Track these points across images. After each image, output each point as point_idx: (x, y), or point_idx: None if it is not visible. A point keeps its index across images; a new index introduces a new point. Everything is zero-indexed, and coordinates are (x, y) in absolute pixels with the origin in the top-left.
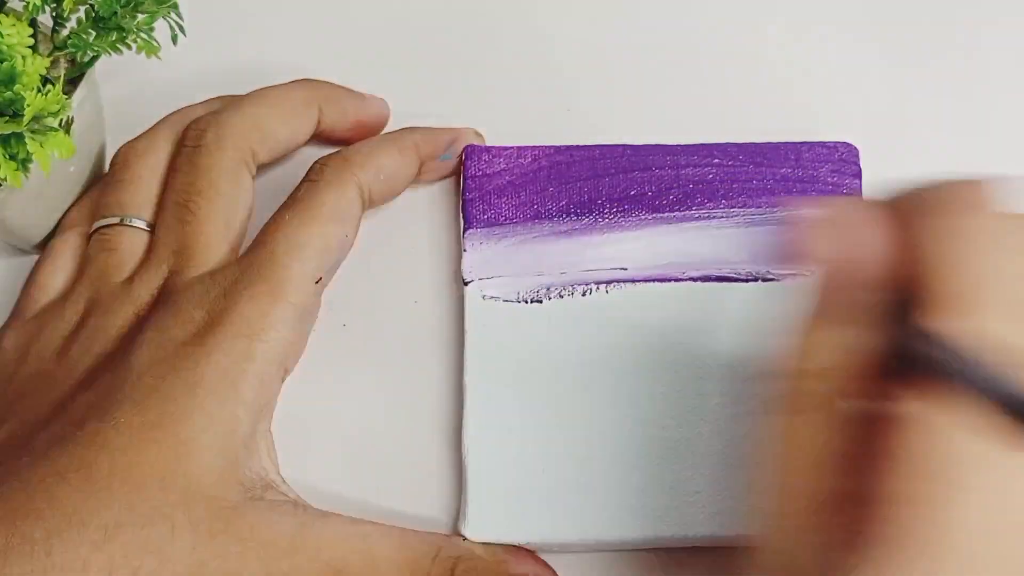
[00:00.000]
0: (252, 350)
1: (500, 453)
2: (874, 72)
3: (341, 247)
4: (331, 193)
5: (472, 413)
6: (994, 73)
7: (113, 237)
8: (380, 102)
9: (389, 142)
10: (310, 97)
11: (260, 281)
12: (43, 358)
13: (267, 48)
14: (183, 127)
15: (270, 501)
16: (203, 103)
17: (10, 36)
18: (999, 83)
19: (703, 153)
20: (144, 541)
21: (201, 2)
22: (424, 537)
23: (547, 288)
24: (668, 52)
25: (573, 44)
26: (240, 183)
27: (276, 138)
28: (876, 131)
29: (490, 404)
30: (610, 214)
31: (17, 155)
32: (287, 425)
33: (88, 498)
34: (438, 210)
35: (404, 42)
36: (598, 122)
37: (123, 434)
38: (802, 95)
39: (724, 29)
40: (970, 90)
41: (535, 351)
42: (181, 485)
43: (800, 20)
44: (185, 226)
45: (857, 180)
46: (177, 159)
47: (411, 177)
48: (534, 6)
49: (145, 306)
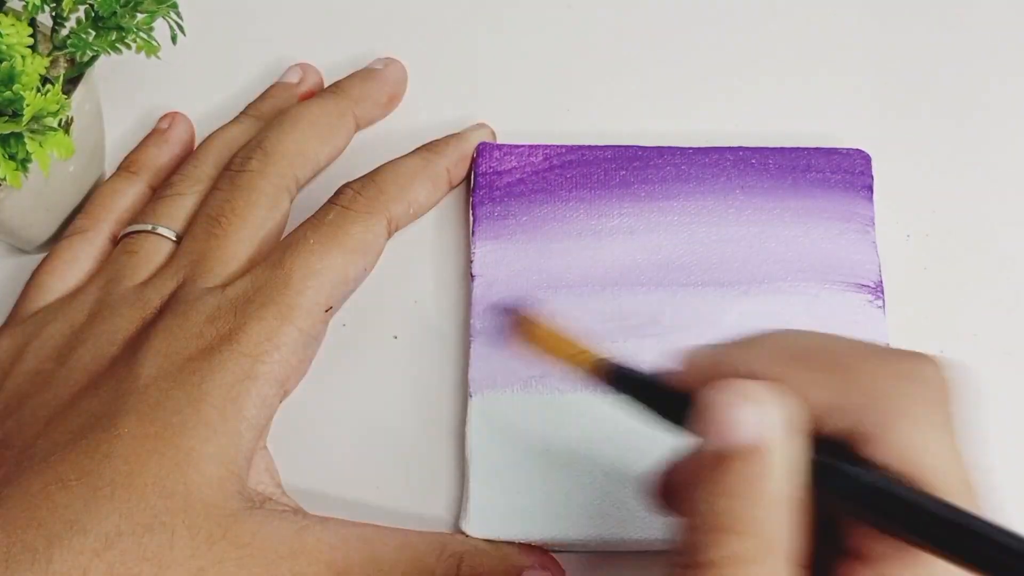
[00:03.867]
0: (255, 370)
1: (503, 450)
2: (889, 79)
3: (357, 279)
4: (359, 225)
5: (476, 410)
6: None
7: (138, 242)
8: (395, 67)
9: (423, 173)
10: (343, 108)
11: (271, 303)
12: (42, 357)
13: (267, 48)
14: (227, 152)
15: (269, 510)
16: (237, 123)
17: (10, 36)
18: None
19: (715, 156)
20: (143, 549)
21: (201, 2)
22: (426, 536)
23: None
24: (681, 56)
25: (579, 43)
26: (278, 208)
27: (318, 160)
28: (888, 139)
29: (494, 401)
30: (620, 215)
31: (16, 155)
32: (288, 425)
33: (89, 506)
34: (443, 207)
35: (405, 42)
36: (607, 123)
37: (126, 444)
38: (815, 101)
39: (739, 32)
40: (983, 97)
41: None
42: (181, 494)
43: (811, 23)
44: (211, 239)
45: (869, 188)
46: (220, 180)
47: (437, 203)
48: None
49: (153, 311)
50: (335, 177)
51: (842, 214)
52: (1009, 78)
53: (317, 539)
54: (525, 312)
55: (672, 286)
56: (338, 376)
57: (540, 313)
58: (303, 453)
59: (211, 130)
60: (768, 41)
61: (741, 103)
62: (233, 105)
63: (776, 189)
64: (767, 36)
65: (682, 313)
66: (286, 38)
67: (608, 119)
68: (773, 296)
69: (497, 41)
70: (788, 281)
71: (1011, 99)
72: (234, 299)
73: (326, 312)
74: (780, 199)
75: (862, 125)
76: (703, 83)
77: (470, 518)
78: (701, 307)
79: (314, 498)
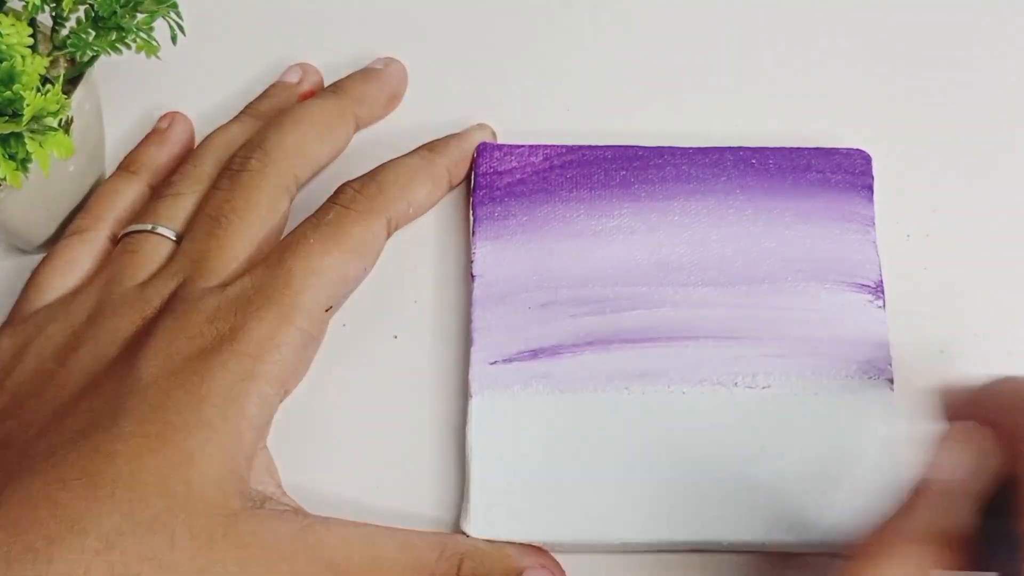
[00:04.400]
0: (256, 370)
1: (504, 450)
2: (889, 79)
3: (357, 279)
4: (359, 225)
5: (477, 410)
6: (1009, 81)
7: (138, 242)
8: (395, 67)
9: (424, 173)
10: (343, 107)
11: (272, 304)
12: (43, 357)
13: (267, 48)
14: (227, 151)
15: (270, 509)
16: (237, 122)
17: (10, 36)
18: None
19: (715, 156)
20: (144, 549)
21: (201, 2)
22: (427, 536)
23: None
24: (681, 56)
25: (579, 43)
26: (278, 208)
27: (318, 160)
28: (888, 139)
29: (495, 401)
30: (620, 215)
31: (16, 155)
32: (288, 426)
33: (90, 506)
34: (444, 207)
35: (405, 42)
36: (607, 123)
37: (126, 444)
38: (815, 101)
39: (739, 32)
40: (983, 97)
41: (541, 348)
42: (182, 493)
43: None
44: (212, 239)
45: (869, 188)
46: (220, 179)
47: (437, 203)
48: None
49: (154, 311)
50: (335, 177)
51: (842, 214)
52: (1009, 78)
53: (318, 539)
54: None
55: (672, 286)
56: (338, 376)
57: None
58: (303, 453)
59: (211, 130)
60: (768, 41)
61: (741, 103)
62: (233, 105)
63: (776, 189)
64: (767, 36)
65: (682, 313)
66: (286, 38)
67: (608, 119)
68: (773, 296)
69: (497, 41)
70: (788, 281)
71: (1011, 99)
72: (234, 299)
73: (326, 312)
74: (780, 199)
75: (862, 125)
76: (703, 83)
77: (471, 518)
78: (701, 307)
79: (314, 498)
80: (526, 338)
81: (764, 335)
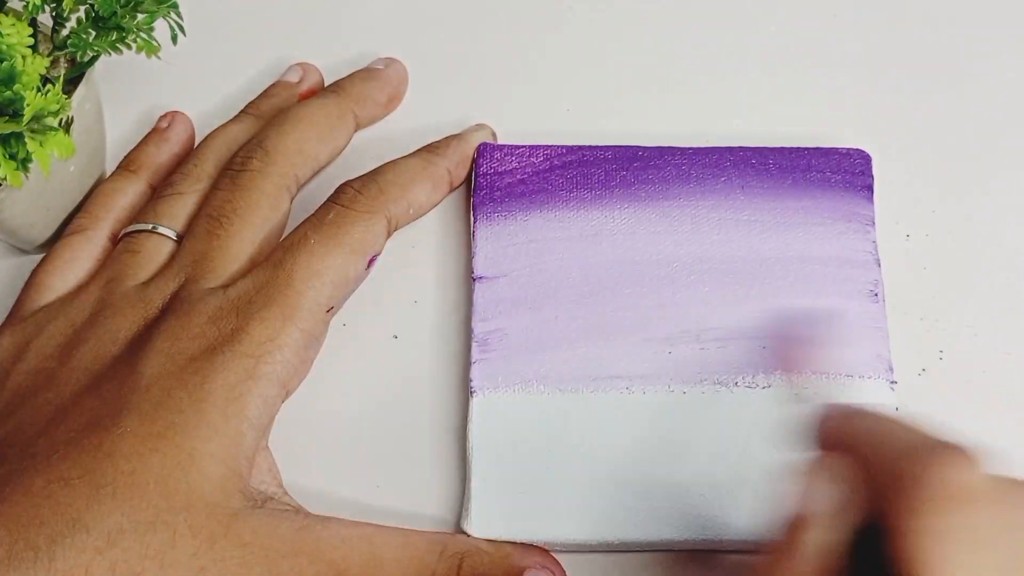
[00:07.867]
0: (257, 371)
1: (504, 450)
2: (889, 79)
3: (358, 279)
4: (359, 225)
5: (477, 410)
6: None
7: (139, 241)
8: (396, 67)
9: (424, 174)
10: (343, 107)
11: (273, 304)
12: (44, 356)
13: (267, 48)
14: (227, 151)
15: (271, 509)
16: (237, 122)
17: (10, 36)
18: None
19: (715, 156)
20: (145, 547)
21: (201, 2)
22: (427, 535)
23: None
24: (681, 56)
25: (580, 44)
26: (279, 208)
27: (318, 159)
28: (888, 139)
29: (495, 400)
30: (620, 215)
31: (17, 155)
32: (289, 425)
33: (91, 504)
34: (444, 207)
35: (405, 42)
36: (607, 123)
37: (128, 443)
38: (815, 101)
39: (739, 32)
40: (983, 97)
41: (542, 348)
42: (183, 492)
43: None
44: (213, 239)
45: (869, 188)
46: (221, 179)
47: (437, 204)
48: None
49: (156, 311)
50: (335, 177)
51: (842, 214)
52: (1010, 78)
53: (318, 538)
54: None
55: (672, 286)
56: (338, 376)
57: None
58: (304, 453)
59: (211, 130)
60: (768, 41)
61: (741, 103)
62: (233, 105)
63: (776, 189)
64: (767, 36)
65: (682, 313)
66: (286, 38)
67: (608, 119)
68: (773, 296)
69: (497, 41)
70: (788, 281)
71: (1011, 99)
72: (236, 299)
73: (327, 312)
74: (780, 199)
75: (862, 125)
76: (703, 83)
77: (471, 518)
78: (702, 307)
79: (315, 497)
80: (526, 338)
81: (764, 335)
